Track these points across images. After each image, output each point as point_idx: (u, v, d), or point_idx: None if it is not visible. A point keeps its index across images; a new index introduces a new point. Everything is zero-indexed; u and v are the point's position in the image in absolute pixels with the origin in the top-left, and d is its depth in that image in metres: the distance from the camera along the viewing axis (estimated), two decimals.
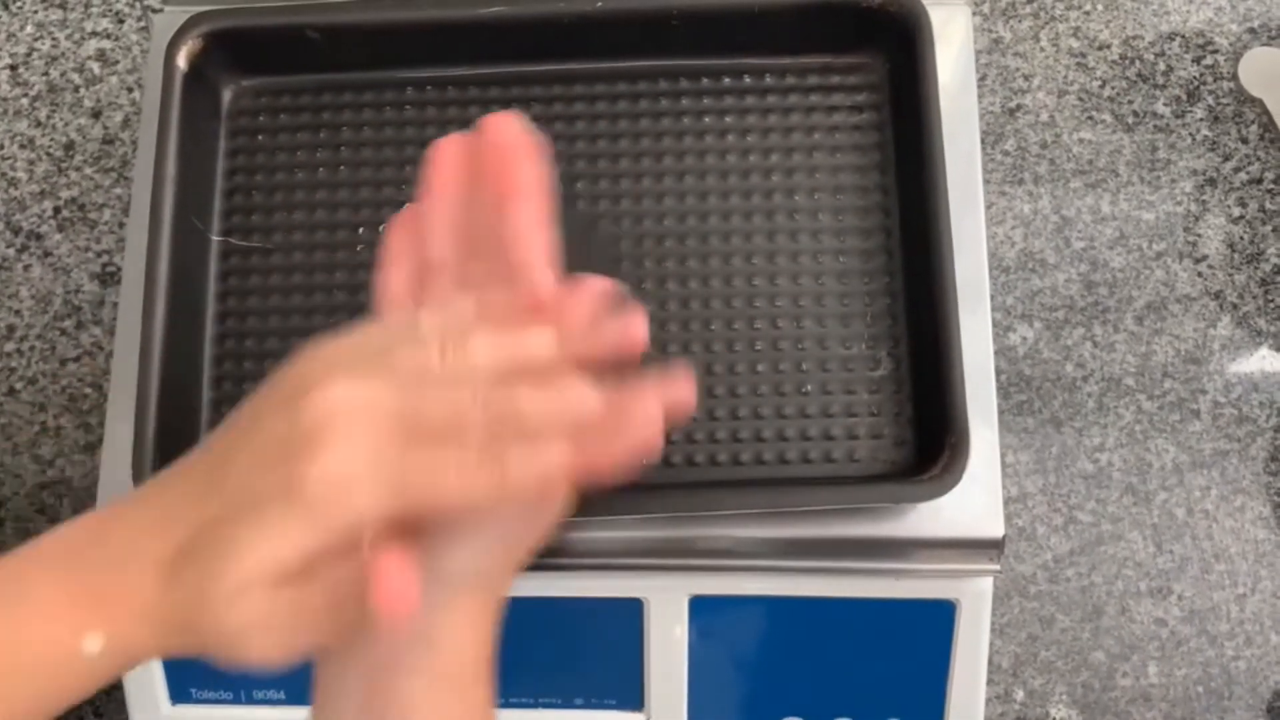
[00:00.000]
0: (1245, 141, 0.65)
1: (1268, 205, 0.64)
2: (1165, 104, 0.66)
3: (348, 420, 0.28)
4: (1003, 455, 0.59)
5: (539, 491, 0.29)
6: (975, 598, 0.47)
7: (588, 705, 0.49)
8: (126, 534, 0.31)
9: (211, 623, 0.29)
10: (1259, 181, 0.64)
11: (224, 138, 0.50)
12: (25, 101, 0.66)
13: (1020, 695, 0.58)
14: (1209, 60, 0.66)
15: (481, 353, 0.30)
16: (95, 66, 0.66)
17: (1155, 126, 0.65)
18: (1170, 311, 0.62)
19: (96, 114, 0.65)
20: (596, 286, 0.32)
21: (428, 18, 0.48)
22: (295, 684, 0.49)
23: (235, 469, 0.30)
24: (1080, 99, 0.66)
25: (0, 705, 0.29)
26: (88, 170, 0.64)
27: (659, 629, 0.48)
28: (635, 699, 0.49)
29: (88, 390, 0.62)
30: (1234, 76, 0.66)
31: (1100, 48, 0.67)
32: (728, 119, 0.49)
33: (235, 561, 0.28)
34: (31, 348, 0.62)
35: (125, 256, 0.49)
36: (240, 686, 0.50)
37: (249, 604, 0.29)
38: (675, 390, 0.30)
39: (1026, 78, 0.66)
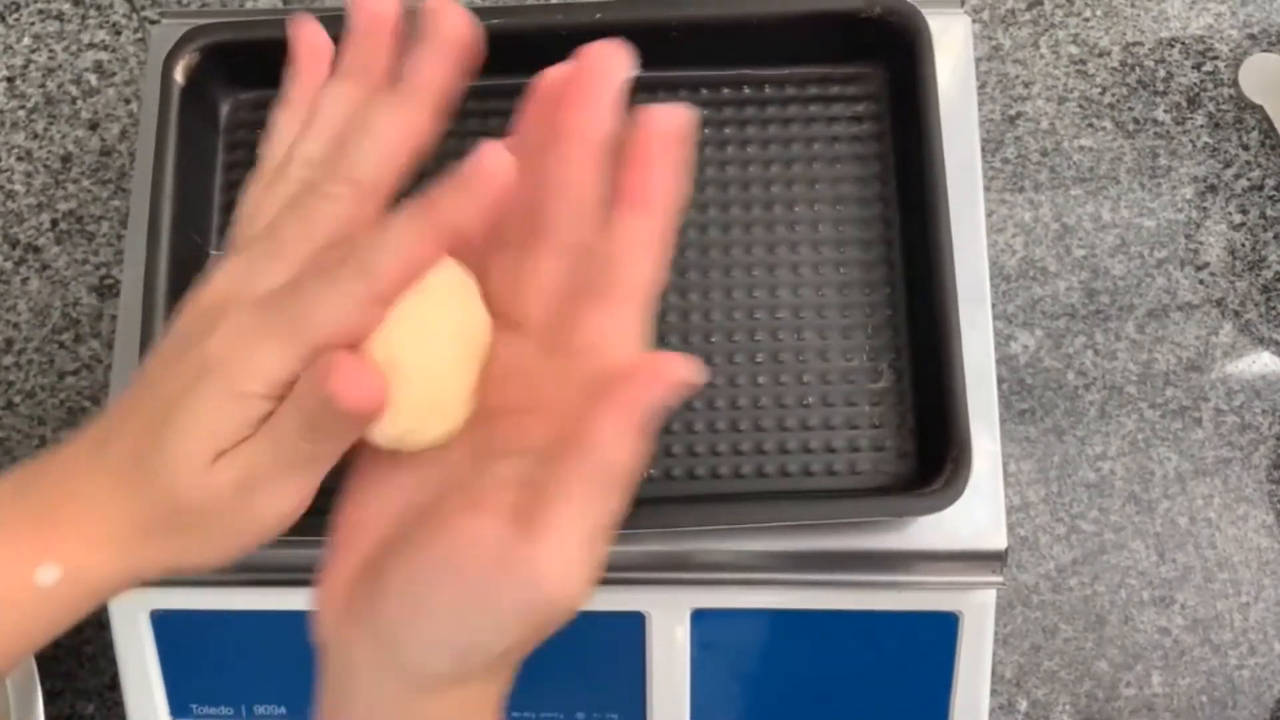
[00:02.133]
0: (1246, 148, 0.65)
1: (1269, 212, 0.64)
2: (1165, 110, 0.65)
3: (230, 299, 0.31)
4: (1005, 464, 0.59)
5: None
6: (978, 610, 0.47)
7: (589, 719, 0.49)
8: (66, 464, 0.31)
9: (199, 496, 0.29)
10: (1260, 188, 0.64)
11: (222, 151, 0.50)
12: (22, 114, 0.65)
13: (1024, 706, 0.58)
14: (1209, 67, 0.66)
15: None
16: (92, 78, 0.66)
17: (1156, 133, 0.65)
18: (1172, 319, 0.62)
19: (94, 126, 0.65)
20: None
21: None
22: (297, 699, 0.49)
23: (154, 377, 0.31)
24: (1080, 106, 0.66)
25: None
26: (85, 182, 0.64)
27: (661, 643, 0.48)
28: (637, 713, 0.48)
29: (86, 404, 0.61)
30: (1234, 83, 0.66)
31: (1100, 54, 0.66)
32: (727, 130, 0.49)
33: (191, 434, 0.29)
34: (30, 361, 0.62)
35: (124, 270, 0.49)
36: (241, 701, 0.50)
37: (225, 463, 0.30)
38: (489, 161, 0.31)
39: (1026, 85, 0.66)
